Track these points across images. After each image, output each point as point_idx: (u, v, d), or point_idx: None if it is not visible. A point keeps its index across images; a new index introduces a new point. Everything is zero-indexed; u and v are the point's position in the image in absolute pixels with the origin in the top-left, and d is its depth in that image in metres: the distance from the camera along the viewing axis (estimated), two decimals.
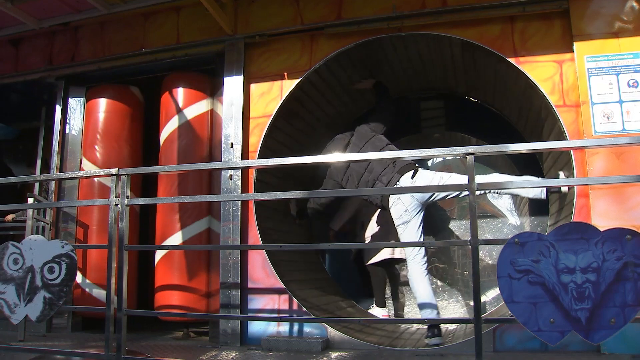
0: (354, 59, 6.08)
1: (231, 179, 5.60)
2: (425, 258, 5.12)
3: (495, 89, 6.32)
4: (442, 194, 5.17)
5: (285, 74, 5.81)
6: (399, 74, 6.71)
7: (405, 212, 5.13)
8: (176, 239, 5.89)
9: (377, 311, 6.54)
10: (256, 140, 5.75)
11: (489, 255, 6.88)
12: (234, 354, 4.87)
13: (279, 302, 5.39)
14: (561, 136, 4.98)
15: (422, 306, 5.05)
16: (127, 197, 4.13)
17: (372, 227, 6.52)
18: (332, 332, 5.10)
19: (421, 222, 5.18)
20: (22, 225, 6.36)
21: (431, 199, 5.18)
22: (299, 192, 4.07)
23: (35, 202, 6.18)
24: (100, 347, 5.04)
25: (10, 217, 7.72)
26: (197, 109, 6.25)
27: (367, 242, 6.49)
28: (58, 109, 6.85)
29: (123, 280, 4.10)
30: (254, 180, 5.66)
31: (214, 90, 6.28)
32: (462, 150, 3.60)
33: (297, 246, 5.58)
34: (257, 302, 5.47)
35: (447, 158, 7.25)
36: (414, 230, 5.14)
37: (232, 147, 5.71)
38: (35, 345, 5.28)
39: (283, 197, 4.08)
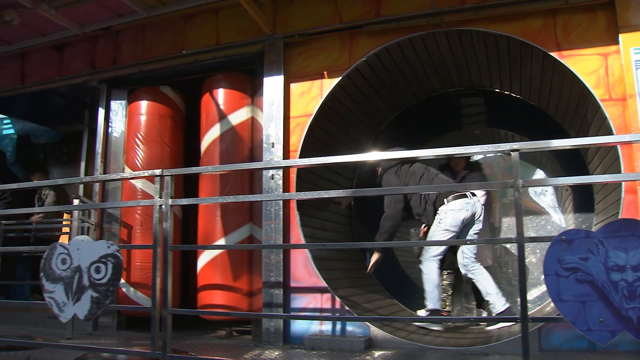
0: (396, 56, 6.04)
1: (272, 179, 5.62)
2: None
3: (537, 83, 6.21)
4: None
5: (325, 72, 5.80)
6: (437, 71, 6.65)
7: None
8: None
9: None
10: (297, 139, 5.76)
11: (532, 253, 6.78)
12: (277, 353, 4.88)
13: (322, 301, 5.39)
14: (607, 131, 4.87)
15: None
16: (171, 197, 4.17)
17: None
18: (375, 331, 5.09)
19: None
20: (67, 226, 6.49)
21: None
22: (342, 192, 4.06)
23: (81, 204, 6.27)
24: (145, 345, 5.13)
25: (35, 218, 7.94)
26: (238, 111, 6.29)
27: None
28: (101, 112, 6.98)
29: (168, 280, 4.14)
30: (295, 180, 5.68)
31: (254, 91, 6.30)
32: (507, 146, 3.52)
33: (341, 245, 5.56)
34: (300, 301, 5.48)
35: (487, 155, 7.17)
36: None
37: (273, 146, 5.73)
38: (83, 343, 5.37)
39: (326, 197, 4.05)
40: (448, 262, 6.09)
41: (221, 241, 5.93)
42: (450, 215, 5.55)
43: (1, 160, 9.27)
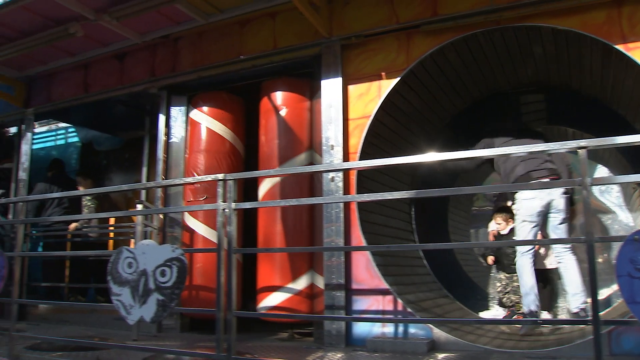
0: (453, 55, 5.96)
1: (333, 181, 5.61)
2: None
3: (599, 78, 6.03)
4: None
5: (383, 73, 5.75)
6: (496, 68, 6.54)
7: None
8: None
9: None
10: (356, 141, 5.72)
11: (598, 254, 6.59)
12: (339, 355, 4.87)
13: (383, 302, 5.34)
14: None
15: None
16: (234, 201, 4.21)
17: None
18: (438, 333, 5.01)
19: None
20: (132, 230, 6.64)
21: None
22: (405, 193, 4.01)
23: (144, 209, 6.38)
24: (209, 347, 5.20)
25: (73, 225, 8.22)
26: (295, 113, 6.31)
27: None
28: (162, 118, 7.12)
29: (232, 283, 4.18)
30: (356, 182, 5.65)
31: (312, 93, 6.31)
32: (574, 144, 3.39)
33: (405, 247, 5.48)
34: (362, 303, 5.45)
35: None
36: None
37: (332, 149, 5.72)
38: (149, 344, 5.47)
39: (390, 197, 4.00)
40: None
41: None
42: (524, 204, 5.49)
43: (60, 167, 9.57)
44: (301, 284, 5.92)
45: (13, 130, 9.97)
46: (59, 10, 6.48)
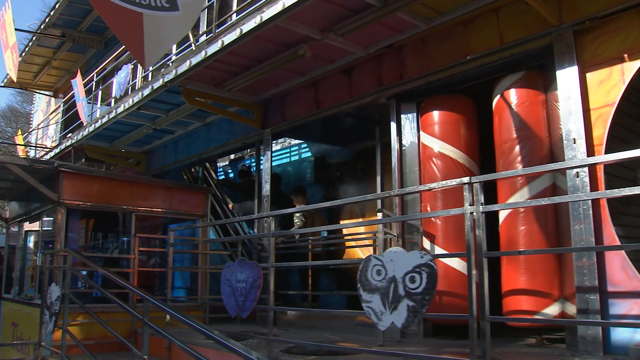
0: None
1: (577, 177, 5.29)
2: None
3: None
4: None
5: (626, 55, 5.24)
6: None
7: None
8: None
9: None
10: (600, 132, 5.29)
11: None
12: None
13: None
14: None
15: None
16: (482, 204, 4.15)
17: None
18: None
19: None
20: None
21: None
22: None
23: (386, 217, 6.51)
24: (457, 353, 5.26)
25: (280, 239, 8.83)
26: (531, 109, 6.04)
27: None
28: (393, 127, 7.25)
29: (484, 288, 4.10)
30: (603, 175, 5.24)
31: (546, 86, 6.00)
32: None
33: None
34: (619, 306, 5.00)
35: None
36: None
37: (574, 142, 5.38)
38: (396, 349, 5.58)
39: None
40: None
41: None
42: None
43: (277, 182, 10.24)
44: (549, 286, 5.63)
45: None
46: (288, 35, 6.97)
